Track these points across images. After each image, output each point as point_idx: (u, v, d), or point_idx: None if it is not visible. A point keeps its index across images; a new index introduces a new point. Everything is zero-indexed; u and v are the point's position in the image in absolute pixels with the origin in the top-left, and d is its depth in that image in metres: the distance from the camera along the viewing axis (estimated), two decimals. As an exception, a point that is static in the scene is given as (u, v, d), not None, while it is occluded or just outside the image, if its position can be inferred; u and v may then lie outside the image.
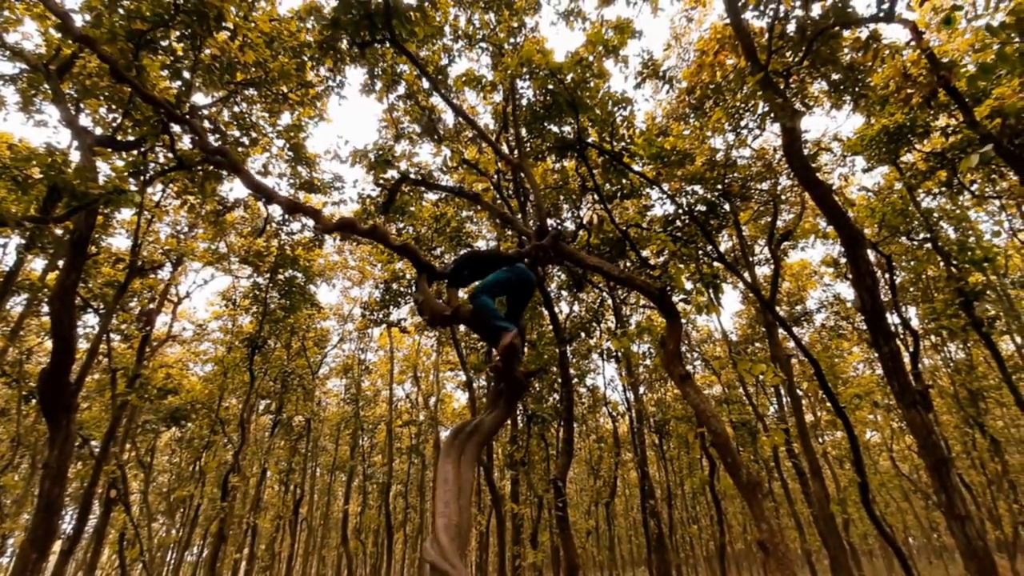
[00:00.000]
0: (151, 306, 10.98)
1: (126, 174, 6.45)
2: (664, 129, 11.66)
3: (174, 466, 20.27)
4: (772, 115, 8.08)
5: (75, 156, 9.47)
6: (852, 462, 8.27)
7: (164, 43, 6.99)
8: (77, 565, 20.03)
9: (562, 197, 11.91)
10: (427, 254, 12.59)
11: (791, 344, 14.67)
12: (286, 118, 10.71)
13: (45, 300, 9.80)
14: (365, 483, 20.77)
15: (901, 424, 17.40)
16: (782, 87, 9.14)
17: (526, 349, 11.48)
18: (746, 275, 14.03)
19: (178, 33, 6.80)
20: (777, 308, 16.22)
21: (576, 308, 15.34)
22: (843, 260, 11.76)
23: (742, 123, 11.47)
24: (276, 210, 12.21)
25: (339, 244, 16.10)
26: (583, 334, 14.72)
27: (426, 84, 10.11)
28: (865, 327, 9.59)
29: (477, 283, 4.74)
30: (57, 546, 8.73)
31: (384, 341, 19.78)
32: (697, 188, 10.58)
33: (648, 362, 16.61)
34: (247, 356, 11.14)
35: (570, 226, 12.37)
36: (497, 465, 15.05)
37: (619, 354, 13.70)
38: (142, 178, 6.88)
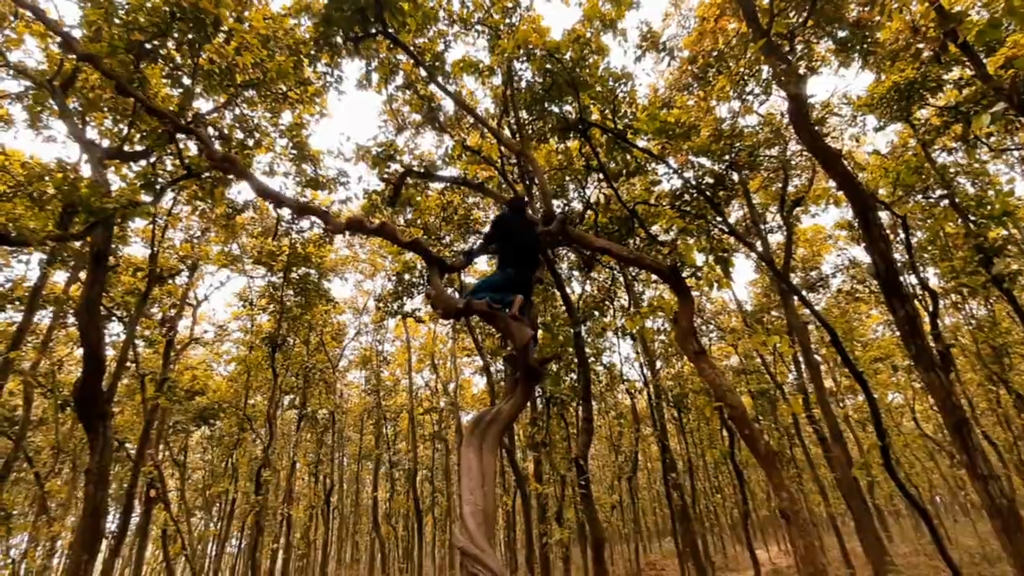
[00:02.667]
0: (172, 312, 11.27)
1: (139, 185, 6.57)
2: (667, 101, 11.48)
3: (207, 463, 20.95)
4: (777, 80, 7.92)
5: (86, 170, 9.66)
6: (873, 425, 8.27)
7: (163, 52, 7.04)
8: (123, 562, 20.95)
9: (568, 178, 11.84)
10: (436, 243, 12.64)
11: (807, 311, 14.55)
12: (287, 117, 10.76)
13: (71, 312, 10.12)
14: (392, 470, 21.27)
15: (922, 385, 17.25)
16: (787, 50, 8.94)
17: (540, 332, 11.56)
18: (758, 244, 13.89)
19: (175, 42, 6.84)
20: (792, 275, 16.05)
21: (588, 288, 15.35)
22: (857, 224, 11.58)
23: (747, 89, 11.25)
24: (285, 211, 12.35)
25: (349, 239, 16.24)
26: (596, 313, 14.75)
27: (424, 73, 10.04)
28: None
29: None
30: (104, 545, 9.13)
31: (400, 331, 20.02)
32: (704, 160, 10.45)
33: (663, 337, 16.62)
34: (268, 354, 11.39)
35: (577, 206, 12.31)
36: (519, 447, 15.30)
37: (633, 332, 13.73)
38: (156, 188, 7.00)
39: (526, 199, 5.45)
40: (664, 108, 10.58)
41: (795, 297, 12.43)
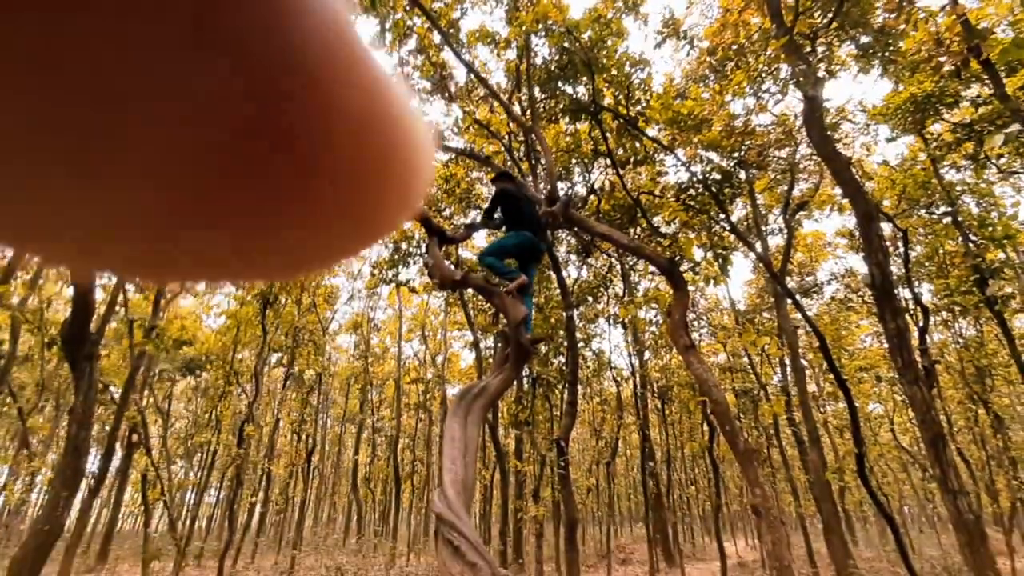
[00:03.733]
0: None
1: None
2: (682, 91, 11.31)
3: (191, 413, 21.12)
4: (795, 81, 7.81)
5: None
6: (851, 432, 8.42)
7: None
8: (103, 503, 21.23)
9: (574, 160, 11.72)
10: (436, 215, 12.55)
11: (798, 315, 14.66)
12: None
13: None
14: (374, 435, 21.53)
15: (903, 398, 17.52)
16: (808, 50, 8.79)
17: (534, 313, 11.56)
18: (758, 245, 13.89)
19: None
20: (788, 278, 16.12)
21: (584, 273, 15.35)
22: (858, 233, 11.59)
23: (763, 87, 11.10)
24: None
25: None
26: (590, 299, 14.79)
27: (437, 38, 9.83)
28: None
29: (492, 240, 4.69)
30: (83, 485, 9.21)
31: (392, 300, 20.04)
32: (713, 155, 10.36)
33: (654, 329, 16.72)
34: (259, 311, 11.37)
35: (581, 190, 12.22)
36: (502, 424, 15.48)
37: (625, 320, 13.79)
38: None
39: (512, 171, 5.40)
40: (678, 98, 10.43)
41: (788, 301, 12.50)
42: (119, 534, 19.72)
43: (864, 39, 8.93)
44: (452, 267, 5.75)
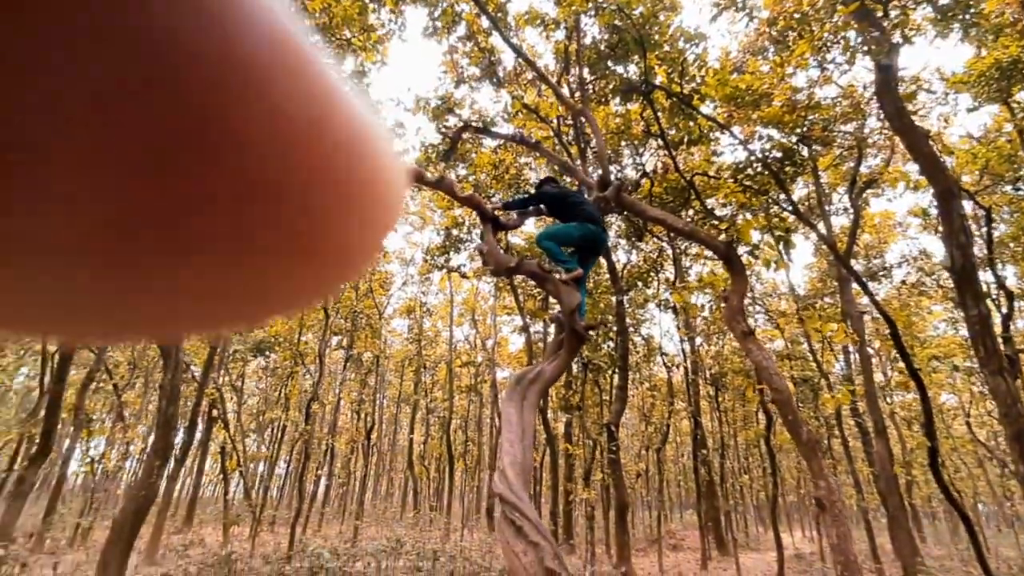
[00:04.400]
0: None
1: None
2: (739, 65, 10.81)
3: (261, 391, 22.64)
4: (866, 49, 7.30)
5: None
6: (922, 425, 7.97)
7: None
8: (186, 472, 23.24)
9: (623, 142, 11.50)
10: (486, 200, 12.69)
11: (864, 300, 13.87)
12: (349, 64, 10.84)
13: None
14: (427, 416, 22.30)
15: (982, 389, 16.32)
16: (879, 15, 8.17)
17: (585, 299, 11.56)
18: (820, 226, 13.20)
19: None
20: (853, 261, 15.24)
21: (634, 257, 15.12)
22: (934, 211, 10.79)
23: (829, 56, 10.42)
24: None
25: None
26: (640, 284, 14.58)
27: (485, 23, 9.83)
28: (952, 285, 8.90)
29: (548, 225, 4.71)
30: (171, 455, 10.09)
31: (443, 285, 20.50)
32: (773, 132, 9.87)
33: (706, 314, 16.29)
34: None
35: (631, 173, 12.00)
36: (552, 408, 15.65)
37: (677, 305, 13.52)
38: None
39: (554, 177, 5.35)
40: (735, 72, 9.97)
41: (854, 284, 11.86)
42: (201, 500, 21.54)
43: (943, 1, 8.21)
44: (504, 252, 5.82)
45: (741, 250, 6.26)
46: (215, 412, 10.18)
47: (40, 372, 10.75)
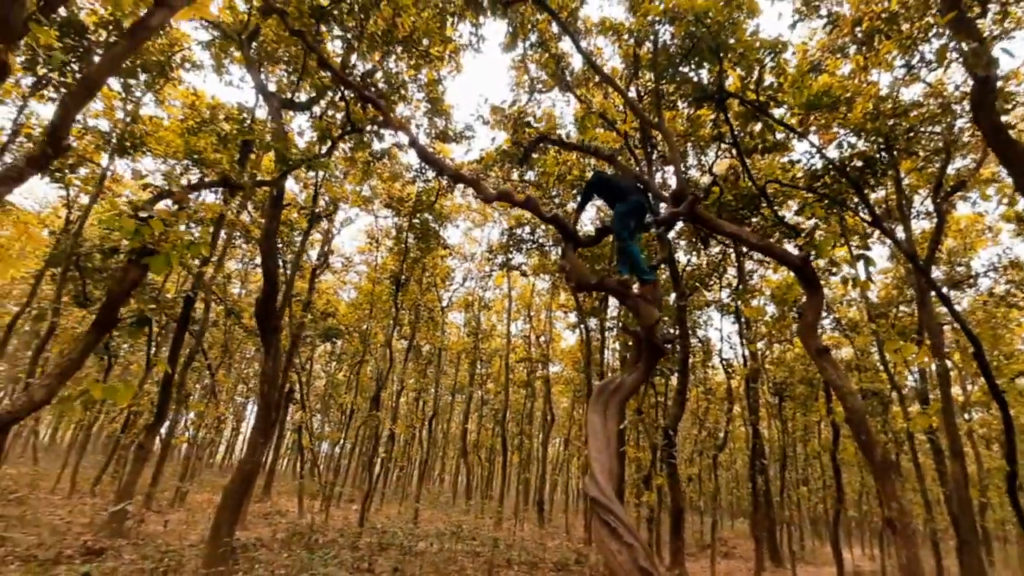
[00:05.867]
0: (326, 247, 12.91)
1: (315, 138, 7.52)
2: (816, 64, 10.48)
3: (327, 374, 24.12)
4: (962, 60, 6.98)
5: (259, 113, 11.03)
6: (1002, 445, 7.62)
7: (335, 13, 7.79)
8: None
9: (690, 144, 11.42)
10: (548, 201, 12.95)
11: (943, 308, 13.14)
12: (425, 73, 11.35)
13: (243, 239, 12.02)
14: (482, 407, 22.95)
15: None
16: (976, 13, 7.73)
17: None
18: (898, 230, 12.58)
19: (347, 5, 7.53)
20: (934, 268, 14.40)
21: (694, 259, 14.98)
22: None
23: (917, 54, 9.91)
24: (415, 160, 13.29)
25: (464, 189, 17.02)
26: (699, 285, 14.46)
27: (555, 29, 10.02)
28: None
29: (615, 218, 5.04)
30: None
31: (501, 280, 20.98)
32: (853, 139, 9.55)
33: (768, 318, 15.90)
34: (392, 291, 12.69)
35: (694, 174, 11.91)
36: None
37: (744, 311, 13.33)
38: (328, 141, 7.95)
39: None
40: (812, 71, 9.65)
41: (933, 294, 11.29)
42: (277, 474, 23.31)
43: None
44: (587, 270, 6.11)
45: (820, 262, 6.23)
46: (295, 394, 11.15)
47: (147, 348, 12.05)
